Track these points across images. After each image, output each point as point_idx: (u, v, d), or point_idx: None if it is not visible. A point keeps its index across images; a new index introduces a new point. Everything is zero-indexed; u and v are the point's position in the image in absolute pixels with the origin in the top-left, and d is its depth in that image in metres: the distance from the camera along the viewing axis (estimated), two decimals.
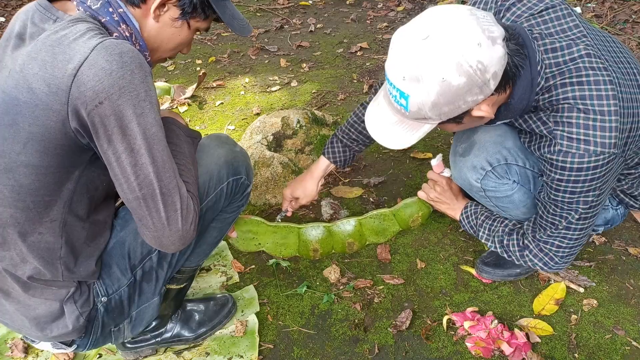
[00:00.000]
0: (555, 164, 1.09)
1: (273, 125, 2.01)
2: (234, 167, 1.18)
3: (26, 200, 0.91)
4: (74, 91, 0.81)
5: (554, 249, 1.25)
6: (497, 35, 0.95)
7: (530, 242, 1.29)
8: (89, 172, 0.95)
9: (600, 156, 1.05)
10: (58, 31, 0.85)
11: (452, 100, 0.98)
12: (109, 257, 1.09)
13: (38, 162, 0.87)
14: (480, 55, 0.93)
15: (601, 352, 1.32)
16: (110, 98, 0.81)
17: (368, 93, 2.63)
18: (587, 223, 1.19)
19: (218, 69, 3.05)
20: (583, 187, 1.10)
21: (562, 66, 1.07)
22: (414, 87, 0.98)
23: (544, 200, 1.20)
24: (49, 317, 1.04)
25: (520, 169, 1.26)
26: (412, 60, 0.96)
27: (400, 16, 3.58)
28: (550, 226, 1.22)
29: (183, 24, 1.00)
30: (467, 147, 1.30)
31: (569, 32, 1.10)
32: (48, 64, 0.82)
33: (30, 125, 0.84)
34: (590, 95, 1.04)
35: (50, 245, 0.97)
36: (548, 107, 1.09)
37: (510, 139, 1.26)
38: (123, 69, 0.82)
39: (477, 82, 0.95)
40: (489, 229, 1.40)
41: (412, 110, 1.02)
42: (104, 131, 0.84)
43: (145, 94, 0.85)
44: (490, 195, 1.33)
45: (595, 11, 3.28)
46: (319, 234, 1.65)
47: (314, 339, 1.41)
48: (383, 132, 1.13)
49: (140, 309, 1.18)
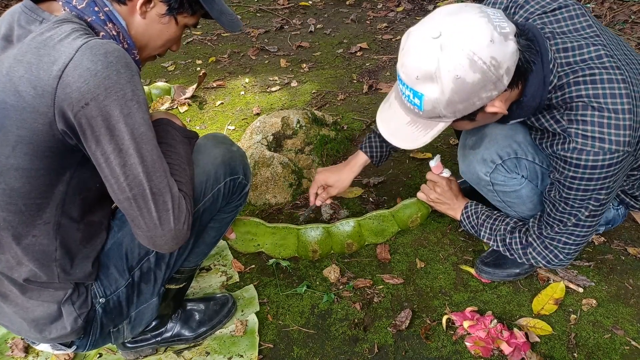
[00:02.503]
0: (570, 162, 1.09)
1: (273, 126, 2.01)
2: (231, 166, 1.18)
3: (18, 203, 0.91)
4: (60, 93, 0.80)
5: (560, 245, 1.24)
6: (508, 31, 0.95)
7: (534, 240, 1.29)
8: (80, 174, 0.94)
9: (615, 154, 1.05)
10: (43, 33, 0.84)
11: (467, 97, 0.98)
12: (106, 258, 1.08)
13: (28, 165, 0.87)
14: (494, 51, 0.93)
15: (600, 352, 1.32)
16: (96, 99, 0.81)
17: (368, 93, 2.63)
18: (595, 220, 1.19)
19: (218, 69, 3.05)
20: (597, 185, 1.10)
21: (574, 65, 1.07)
22: (428, 86, 0.98)
23: (554, 198, 1.19)
24: (47, 319, 1.04)
25: (530, 163, 1.26)
26: (425, 60, 0.96)
27: (400, 17, 3.58)
28: (559, 223, 1.21)
29: (170, 19, 0.99)
30: (478, 140, 1.29)
31: (582, 31, 1.10)
32: (34, 66, 0.81)
33: (18, 128, 0.84)
34: (604, 94, 1.04)
35: (44, 247, 0.97)
36: (562, 105, 1.09)
37: (520, 133, 1.25)
38: (108, 68, 0.81)
39: (491, 78, 0.96)
40: (490, 228, 1.40)
41: (426, 109, 1.02)
42: (92, 132, 0.84)
43: (132, 94, 0.84)
44: (498, 190, 1.32)
45: (594, 11, 3.29)
46: (317, 235, 1.66)
47: (313, 338, 1.41)
48: (396, 133, 1.13)
49: (139, 309, 1.18)
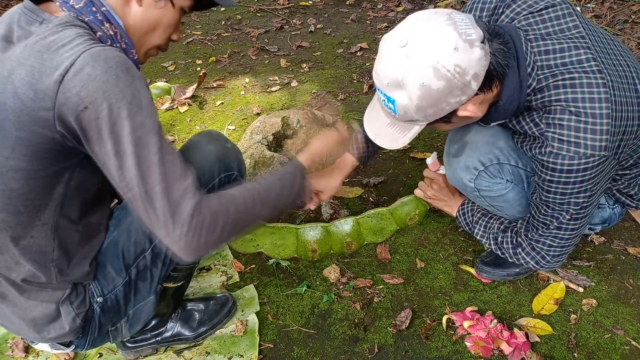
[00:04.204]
0: (546, 165, 1.10)
1: (273, 125, 2.01)
2: (225, 163, 1.17)
3: (17, 204, 0.91)
4: (60, 97, 0.81)
5: (546, 247, 1.26)
6: (474, 38, 0.96)
7: (523, 241, 1.31)
8: (80, 175, 0.94)
9: (590, 159, 1.05)
10: (47, 37, 0.84)
11: (435, 103, 1.00)
12: (103, 258, 1.08)
13: (27, 166, 0.87)
14: (457, 59, 0.95)
15: (600, 352, 1.32)
16: (94, 102, 0.81)
17: (368, 93, 2.64)
18: (579, 223, 1.20)
19: (218, 69, 3.05)
20: (573, 189, 1.11)
21: (554, 69, 1.07)
22: (397, 92, 1.01)
23: (536, 200, 1.21)
24: (45, 319, 1.04)
25: (513, 168, 1.27)
26: (392, 67, 0.99)
27: (400, 16, 3.58)
28: (542, 226, 1.23)
29: (166, 3, 0.99)
30: (460, 148, 1.32)
31: (568, 32, 1.11)
32: (36, 69, 0.81)
33: (17, 130, 0.84)
34: (582, 98, 1.04)
35: (42, 248, 0.97)
36: (541, 108, 1.10)
37: (502, 138, 1.27)
38: (107, 73, 0.81)
39: (457, 85, 0.97)
40: (484, 226, 1.42)
41: (400, 113, 1.05)
42: (92, 135, 0.84)
43: (132, 97, 0.83)
44: (484, 195, 1.34)
45: (594, 11, 3.28)
46: (317, 234, 1.66)
47: (313, 338, 1.41)
48: (379, 134, 1.17)
49: (137, 307, 1.18)
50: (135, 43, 0.99)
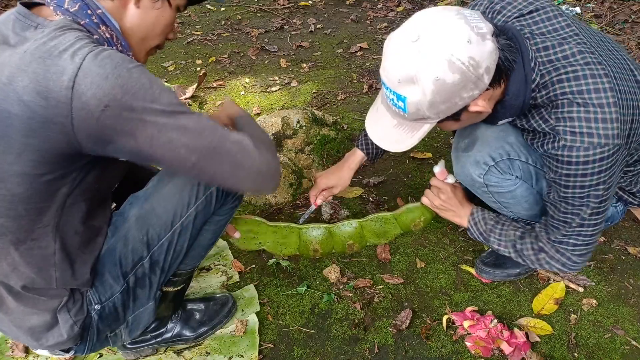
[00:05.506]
0: (561, 160, 1.09)
1: (273, 125, 2.01)
2: None
3: (18, 208, 0.90)
4: (76, 103, 0.80)
5: (570, 247, 1.22)
6: (485, 31, 0.96)
7: (545, 245, 1.25)
8: (86, 176, 0.93)
9: (605, 147, 1.05)
10: (47, 42, 0.82)
11: (449, 97, 0.99)
12: (100, 265, 1.07)
13: (32, 170, 0.86)
14: (471, 51, 0.95)
15: (601, 352, 1.32)
16: (114, 99, 0.80)
17: (368, 93, 2.64)
18: (600, 218, 1.17)
19: (218, 69, 3.05)
20: (592, 181, 1.09)
21: (556, 62, 1.08)
22: (409, 88, 1.00)
23: (554, 200, 1.18)
24: (43, 327, 1.03)
25: (523, 164, 1.26)
26: (405, 63, 0.98)
27: (400, 16, 3.58)
28: (564, 225, 1.19)
29: (163, 3, 0.99)
30: (470, 143, 1.30)
31: (561, 31, 1.12)
32: (40, 76, 0.80)
33: (25, 137, 0.82)
34: (587, 90, 1.04)
35: (43, 251, 0.96)
36: (547, 104, 1.10)
37: (512, 134, 1.26)
38: (117, 68, 0.81)
39: (470, 78, 0.97)
40: (499, 234, 1.36)
41: (410, 111, 1.04)
42: (122, 130, 0.83)
43: (150, 82, 0.84)
44: (492, 191, 1.32)
45: (594, 11, 3.29)
46: (319, 234, 1.66)
47: (314, 338, 1.41)
48: (384, 137, 1.16)
49: (136, 314, 1.17)
50: (135, 45, 0.99)
